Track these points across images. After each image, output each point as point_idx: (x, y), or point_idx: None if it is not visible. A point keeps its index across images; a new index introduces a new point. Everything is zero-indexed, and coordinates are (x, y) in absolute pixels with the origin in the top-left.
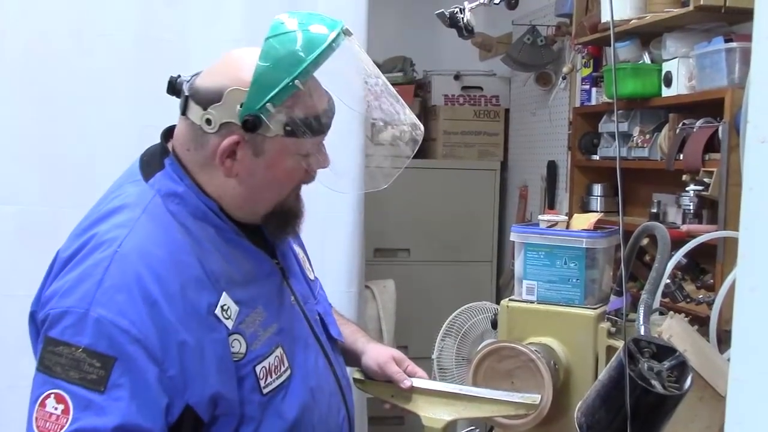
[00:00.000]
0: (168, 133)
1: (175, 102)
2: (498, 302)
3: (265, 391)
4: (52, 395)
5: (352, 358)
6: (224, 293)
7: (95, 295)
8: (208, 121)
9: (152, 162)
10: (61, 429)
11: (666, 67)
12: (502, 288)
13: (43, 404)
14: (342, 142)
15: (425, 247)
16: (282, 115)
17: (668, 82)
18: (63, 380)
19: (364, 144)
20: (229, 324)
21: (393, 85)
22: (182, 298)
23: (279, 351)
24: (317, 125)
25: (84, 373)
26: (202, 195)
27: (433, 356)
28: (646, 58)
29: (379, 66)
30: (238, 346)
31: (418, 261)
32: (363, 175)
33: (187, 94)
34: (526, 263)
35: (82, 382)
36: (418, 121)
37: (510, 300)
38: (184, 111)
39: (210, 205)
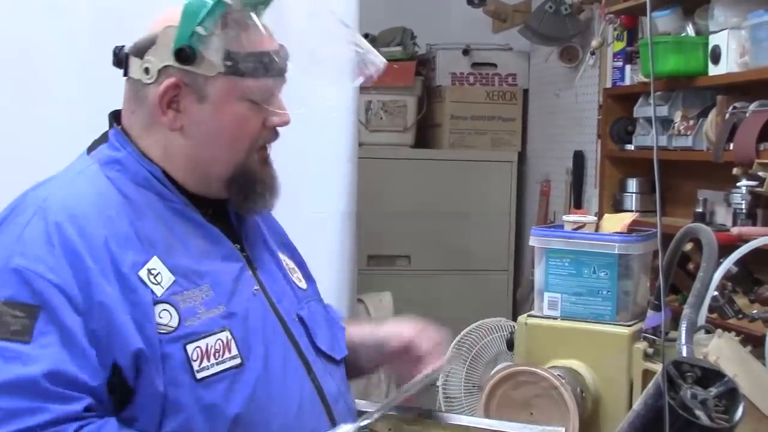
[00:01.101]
0: (118, 114)
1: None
2: (515, 319)
3: (199, 375)
4: None
5: (369, 353)
6: (155, 257)
7: (14, 247)
8: (147, 71)
9: (98, 140)
10: None
11: (713, 40)
12: (520, 302)
13: None
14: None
15: (428, 253)
16: (218, 43)
17: (716, 58)
18: None
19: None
20: (158, 290)
21: (391, 61)
22: (105, 251)
23: (225, 335)
24: (262, 63)
25: (6, 325)
26: (145, 160)
27: (438, 383)
28: (690, 30)
29: (374, 40)
30: (168, 317)
31: (419, 270)
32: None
33: (127, 52)
34: (548, 272)
35: (5, 335)
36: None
37: (529, 316)
38: (126, 72)
39: (152, 170)
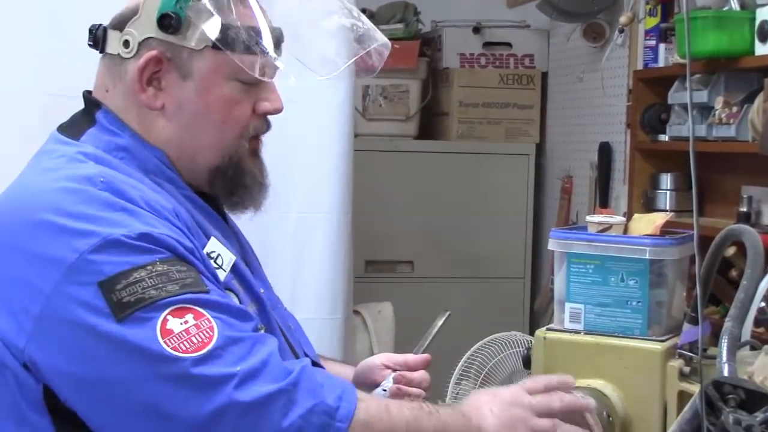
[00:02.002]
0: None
1: (93, 64)
2: (532, 332)
3: None
4: (167, 318)
5: None
6: (213, 239)
7: (116, 219)
8: (126, 44)
9: (76, 123)
10: (208, 331)
11: (761, 14)
12: (538, 313)
13: (168, 333)
14: None
15: (433, 259)
16: (207, 12)
17: (764, 35)
18: (166, 298)
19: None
20: (221, 275)
21: (392, 40)
22: (180, 222)
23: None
24: (255, 39)
25: (179, 281)
26: (148, 144)
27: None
28: (734, 4)
29: (372, 16)
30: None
31: (424, 277)
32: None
33: (104, 26)
34: (569, 280)
35: (186, 289)
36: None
37: (548, 329)
38: (102, 49)
39: (159, 156)
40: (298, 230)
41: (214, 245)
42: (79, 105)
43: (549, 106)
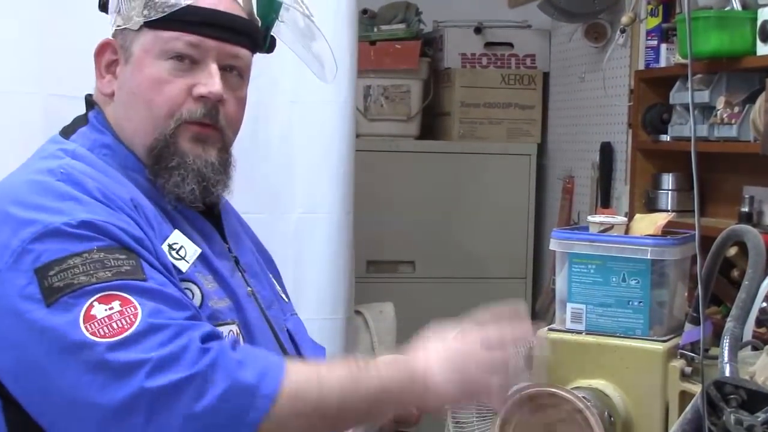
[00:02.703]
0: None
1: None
2: (534, 333)
3: None
4: (92, 304)
5: None
6: (177, 231)
7: (62, 208)
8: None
9: (74, 122)
10: (131, 318)
11: (763, 14)
12: (540, 313)
13: (90, 318)
14: None
15: (435, 259)
16: None
17: (765, 35)
18: (96, 284)
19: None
20: (182, 266)
21: (393, 40)
22: (133, 212)
23: (235, 328)
24: (192, 16)
25: (114, 268)
26: (123, 144)
27: (447, 406)
28: (736, 4)
29: (373, 16)
30: (191, 296)
31: (425, 278)
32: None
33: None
34: (571, 280)
35: (119, 276)
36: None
37: (550, 330)
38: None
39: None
40: (300, 230)
41: (177, 237)
42: (80, 106)
43: (550, 106)
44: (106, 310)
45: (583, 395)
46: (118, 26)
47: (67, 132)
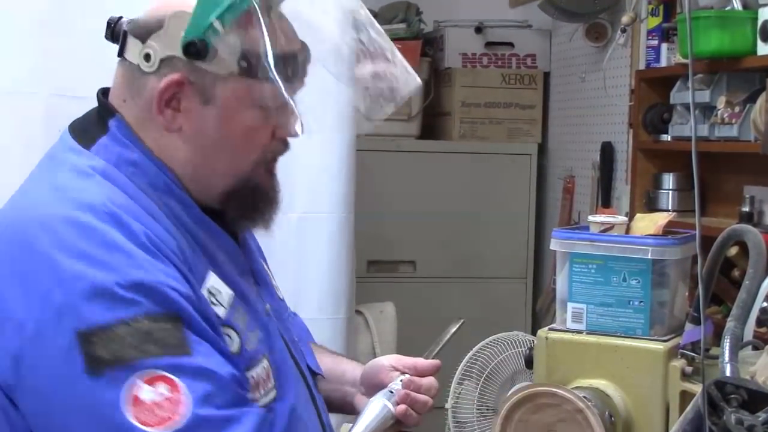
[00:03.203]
0: (106, 92)
1: (96, 64)
2: (534, 332)
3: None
4: (141, 383)
5: (339, 399)
6: (211, 272)
7: (111, 263)
8: (147, 57)
9: (89, 128)
10: (178, 406)
11: (764, 14)
12: (540, 313)
13: (137, 402)
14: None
15: (435, 259)
16: (235, 40)
17: (766, 35)
18: (143, 360)
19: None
20: (221, 312)
21: (393, 40)
22: (181, 263)
23: (266, 363)
24: (283, 66)
25: (161, 341)
26: (158, 161)
27: (447, 405)
28: (736, 3)
29: (374, 16)
30: (230, 342)
31: (425, 278)
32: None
33: (125, 29)
34: (571, 280)
35: (167, 352)
36: (410, 67)
37: (550, 330)
38: (121, 52)
39: (169, 174)
40: (301, 230)
41: (214, 281)
42: (81, 106)
43: (551, 106)
44: (152, 393)
45: (584, 395)
46: (194, 64)
47: (83, 137)
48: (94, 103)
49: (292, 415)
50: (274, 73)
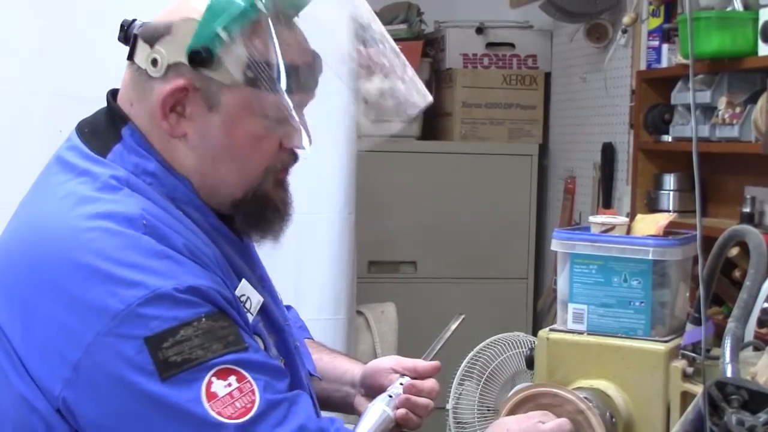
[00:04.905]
0: (115, 94)
1: (96, 65)
2: (535, 333)
3: None
4: (212, 379)
5: (339, 399)
6: (244, 281)
7: (162, 270)
8: (154, 62)
9: (101, 133)
10: (251, 395)
11: (765, 15)
12: (541, 314)
13: (212, 395)
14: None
15: (436, 259)
16: (241, 50)
17: (767, 36)
18: (212, 359)
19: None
20: (249, 318)
21: (395, 40)
22: (218, 269)
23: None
24: (291, 78)
25: (223, 339)
26: (174, 171)
27: (448, 406)
28: (737, 4)
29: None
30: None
31: (427, 278)
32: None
33: (135, 32)
34: (572, 281)
35: (230, 349)
36: (422, 85)
37: (551, 330)
38: (131, 55)
39: (186, 184)
40: (301, 231)
41: (244, 288)
42: (81, 105)
43: (552, 106)
44: (225, 387)
45: (585, 396)
46: (200, 71)
47: (96, 144)
48: (94, 104)
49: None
50: (280, 85)
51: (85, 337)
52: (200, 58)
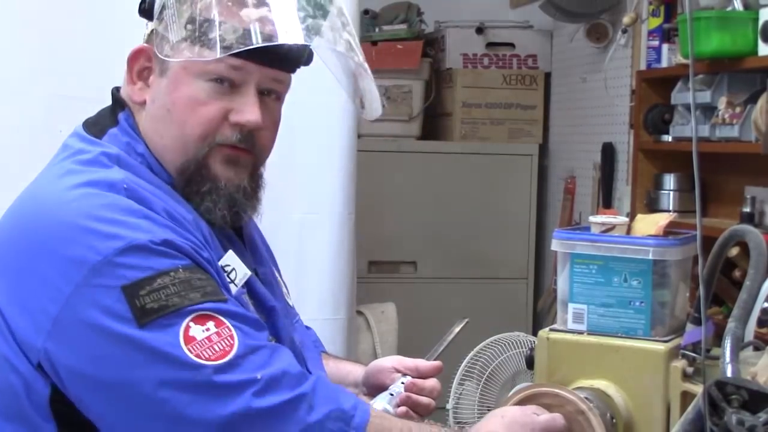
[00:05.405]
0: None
1: (96, 65)
2: (535, 333)
3: None
4: (189, 324)
5: None
6: (231, 252)
7: (140, 225)
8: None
9: (101, 120)
10: (231, 339)
11: (764, 15)
12: (541, 314)
13: (190, 339)
14: None
15: (436, 259)
16: (182, 6)
17: (767, 36)
18: (189, 305)
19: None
20: (232, 288)
21: (395, 40)
22: (198, 232)
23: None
24: (237, 38)
25: (200, 289)
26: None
27: (449, 406)
28: (737, 4)
29: (375, 16)
30: None
31: (427, 278)
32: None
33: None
34: (572, 281)
35: (207, 297)
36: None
37: (551, 330)
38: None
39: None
40: (302, 231)
41: (230, 259)
42: (81, 106)
43: (552, 106)
44: (203, 331)
45: (585, 396)
46: (161, 35)
47: (94, 129)
48: (94, 104)
49: None
50: (217, 46)
51: (64, 289)
52: (144, 7)
